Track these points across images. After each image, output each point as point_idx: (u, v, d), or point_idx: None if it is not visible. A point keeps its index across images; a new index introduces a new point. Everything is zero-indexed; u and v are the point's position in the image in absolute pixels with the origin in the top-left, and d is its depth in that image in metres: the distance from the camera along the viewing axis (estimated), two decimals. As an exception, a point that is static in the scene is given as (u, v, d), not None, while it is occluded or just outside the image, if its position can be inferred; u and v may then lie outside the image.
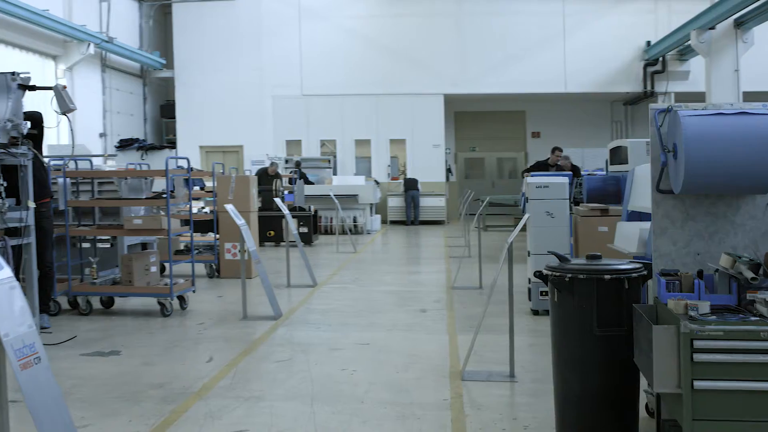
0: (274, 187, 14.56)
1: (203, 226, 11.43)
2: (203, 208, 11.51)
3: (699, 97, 20.13)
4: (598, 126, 23.66)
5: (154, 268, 7.71)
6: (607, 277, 3.69)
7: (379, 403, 4.65)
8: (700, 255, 3.77)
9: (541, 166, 10.75)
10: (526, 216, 5.09)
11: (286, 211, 9.27)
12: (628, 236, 5.68)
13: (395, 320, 7.30)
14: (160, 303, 7.48)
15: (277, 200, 9.64)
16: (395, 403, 4.65)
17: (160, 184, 13.11)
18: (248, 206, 10.01)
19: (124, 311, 7.86)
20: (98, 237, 8.30)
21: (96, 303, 7.88)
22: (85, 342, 6.36)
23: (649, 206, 6.04)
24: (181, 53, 21.75)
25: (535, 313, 7.47)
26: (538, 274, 3.93)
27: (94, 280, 7.63)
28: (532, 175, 8.56)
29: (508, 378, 5.22)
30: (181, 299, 7.76)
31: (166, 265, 10.08)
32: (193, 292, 8.01)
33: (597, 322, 3.72)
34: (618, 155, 8.10)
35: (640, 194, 6.06)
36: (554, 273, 3.80)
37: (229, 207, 7.13)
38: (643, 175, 6.09)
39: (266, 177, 14.69)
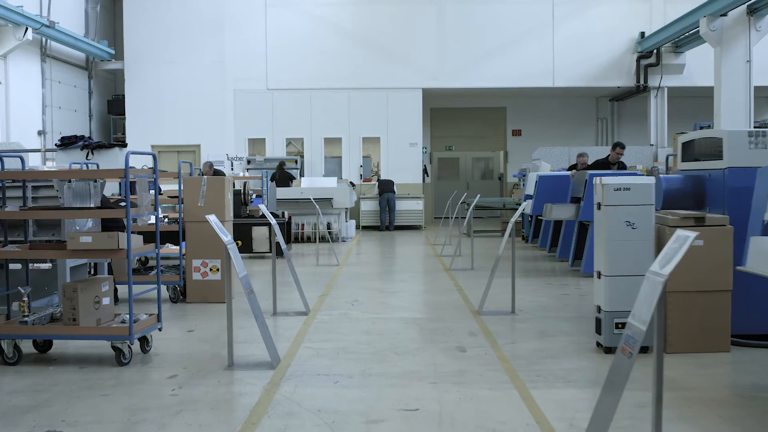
0: (243, 191, 12.66)
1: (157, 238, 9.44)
2: (165, 217, 9.58)
3: (695, 92, 18.99)
4: (582, 123, 22.35)
5: (106, 300, 5.80)
6: None
7: None
8: None
9: (601, 165, 9.30)
10: (693, 239, 3.35)
11: (273, 221, 7.45)
12: (789, 258, 4.07)
13: (435, 366, 5.54)
14: (115, 348, 5.58)
15: (263, 207, 7.82)
16: None
17: (110, 189, 11.10)
18: (222, 214, 8.16)
19: (65, 357, 5.92)
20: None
21: (28, 346, 5.95)
22: (11, 414, 4.44)
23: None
24: (132, 43, 19.61)
25: (608, 351, 5.82)
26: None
27: (25, 318, 5.67)
28: (591, 174, 6.98)
29: (645, 470, 3.55)
30: (143, 340, 5.88)
31: (117, 287, 8.19)
32: (160, 330, 6.12)
33: None
34: (692, 150, 6.53)
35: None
36: None
37: (212, 218, 5.30)
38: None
39: None
